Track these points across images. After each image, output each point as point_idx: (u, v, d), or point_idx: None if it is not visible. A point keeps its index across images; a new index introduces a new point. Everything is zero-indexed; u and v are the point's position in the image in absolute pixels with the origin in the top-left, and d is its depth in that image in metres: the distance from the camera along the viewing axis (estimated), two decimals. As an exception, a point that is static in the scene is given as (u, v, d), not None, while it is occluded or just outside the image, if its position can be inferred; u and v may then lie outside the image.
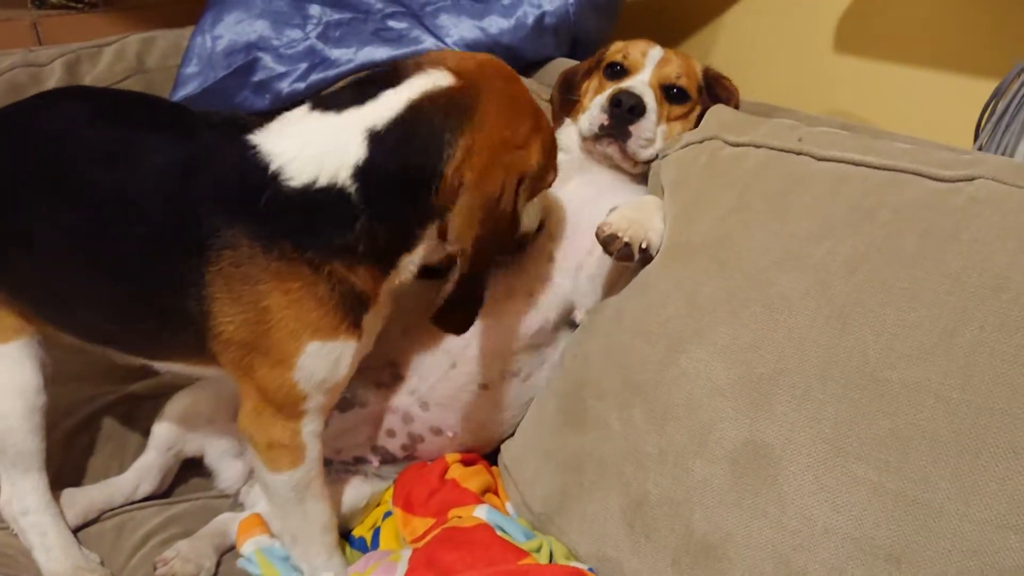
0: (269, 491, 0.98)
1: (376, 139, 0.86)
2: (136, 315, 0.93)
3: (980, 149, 1.11)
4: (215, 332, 0.88)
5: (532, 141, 0.91)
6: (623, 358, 0.98)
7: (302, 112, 0.91)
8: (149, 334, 0.95)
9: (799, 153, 0.95)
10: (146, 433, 1.21)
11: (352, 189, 0.86)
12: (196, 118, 0.96)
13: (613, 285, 1.06)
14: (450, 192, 0.87)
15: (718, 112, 1.13)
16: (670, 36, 1.86)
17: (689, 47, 1.63)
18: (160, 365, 1.03)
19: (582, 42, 1.69)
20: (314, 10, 1.68)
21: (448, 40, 1.63)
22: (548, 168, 0.96)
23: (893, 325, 0.74)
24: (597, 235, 0.97)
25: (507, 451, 1.20)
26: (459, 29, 1.63)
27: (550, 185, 1.00)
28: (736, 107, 1.18)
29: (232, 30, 1.69)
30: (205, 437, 1.19)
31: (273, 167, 0.86)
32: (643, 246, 0.97)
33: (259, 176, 0.85)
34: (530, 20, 1.61)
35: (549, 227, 1.11)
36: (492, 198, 0.86)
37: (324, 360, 0.89)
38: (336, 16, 1.68)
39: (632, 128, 1.10)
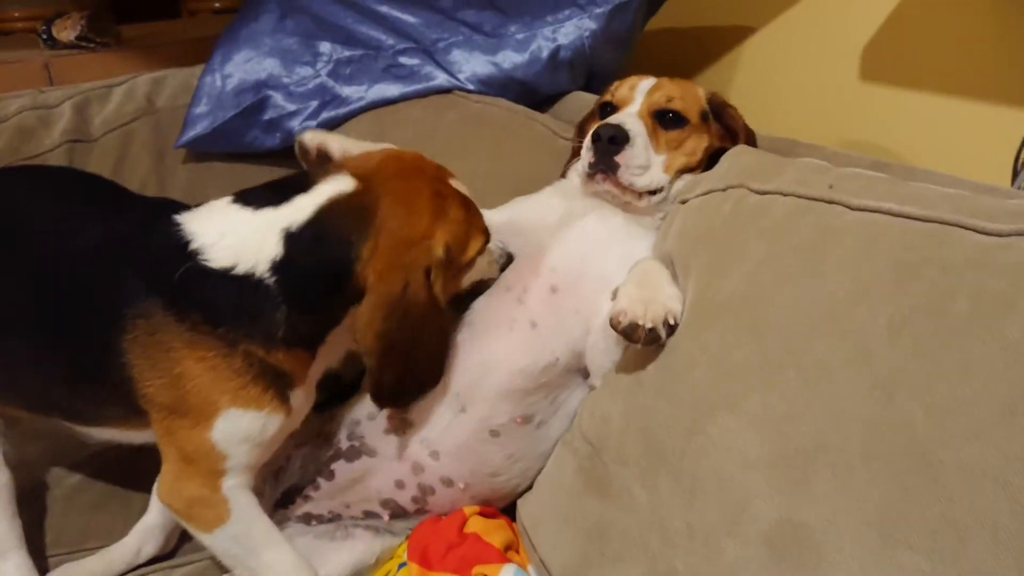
0: (217, 554, 0.99)
1: (292, 239, 0.92)
2: (75, 381, 0.96)
3: (1021, 188, 1.04)
4: (141, 395, 0.92)
5: (435, 230, 0.96)
6: (646, 421, 0.92)
7: (224, 203, 0.97)
8: (87, 400, 0.98)
9: (830, 202, 0.89)
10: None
11: (271, 281, 0.91)
12: (132, 197, 1.07)
13: (627, 348, 1.01)
14: (361, 289, 0.93)
15: (740, 155, 1.08)
16: (687, 68, 1.82)
17: (706, 79, 1.58)
18: (101, 432, 1.04)
19: (598, 75, 1.65)
20: (324, 47, 1.65)
21: (461, 76, 1.60)
22: (464, 245, 1.01)
23: (944, 400, 0.68)
24: (614, 326, 0.92)
25: (525, 509, 1.14)
26: (471, 65, 1.59)
27: (480, 250, 1.03)
28: (745, 135, 1.13)
29: (242, 68, 1.67)
30: None
31: (193, 246, 0.92)
32: (671, 322, 0.92)
33: (178, 252, 0.91)
34: (545, 54, 1.58)
35: (551, 258, 1.09)
36: (394, 296, 0.91)
37: (244, 426, 0.93)
38: (347, 53, 1.65)
39: (618, 158, 1.07)
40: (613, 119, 1.10)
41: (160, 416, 0.93)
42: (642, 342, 0.91)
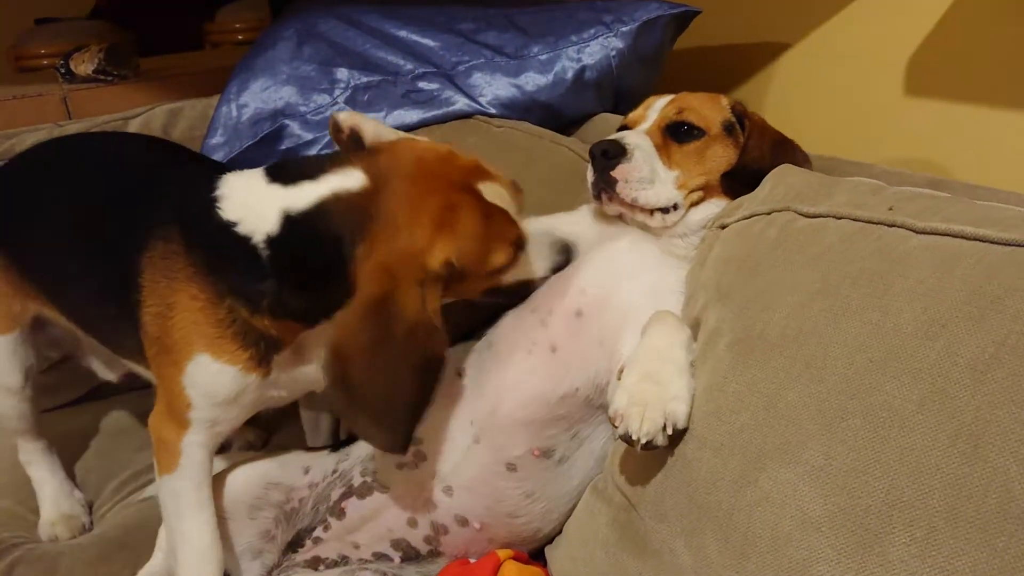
0: (160, 502, 1.02)
1: (289, 222, 0.91)
2: (103, 300, 1.04)
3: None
4: (142, 324, 0.97)
5: (435, 243, 0.89)
6: (688, 473, 0.82)
7: (260, 169, 0.98)
8: (115, 324, 1.04)
9: (892, 225, 0.80)
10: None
11: (264, 253, 0.91)
12: (199, 157, 1.25)
13: None
14: (353, 289, 0.89)
15: (785, 175, 0.99)
16: (719, 87, 1.73)
17: (740, 97, 1.50)
18: (127, 363, 1.14)
19: (626, 96, 1.57)
20: (342, 74, 1.60)
21: (482, 100, 1.53)
22: (481, 257, 0.93)
23: (1045, 453, 0.58)
24: (612, 423, 0.84)
25: (555, 563, 1.05)
26: (493, 88, 1.53)
27: (510, 259, 0.96)
28: (769, 146, 1.04)
29: (258, 98, 1.63)
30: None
31: (216, 193, 0.95)
32: (670, 431, 0.82)
33: (206, 194, 0.95)
34: (569, 75, 1.51)
35: (581, 280, 1.03)
36: (374, 301, 0.87)
37: (211, 375, 0.94)
38: (364, 79, 1.60)
39: (614, 173, 1.00)
40: (613, 135, 1.04)
41: (151, 349, 0.98)
42: (639, 450, 0.81)
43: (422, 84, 1.56)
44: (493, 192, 0.94)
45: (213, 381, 0.94)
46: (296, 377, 1.00)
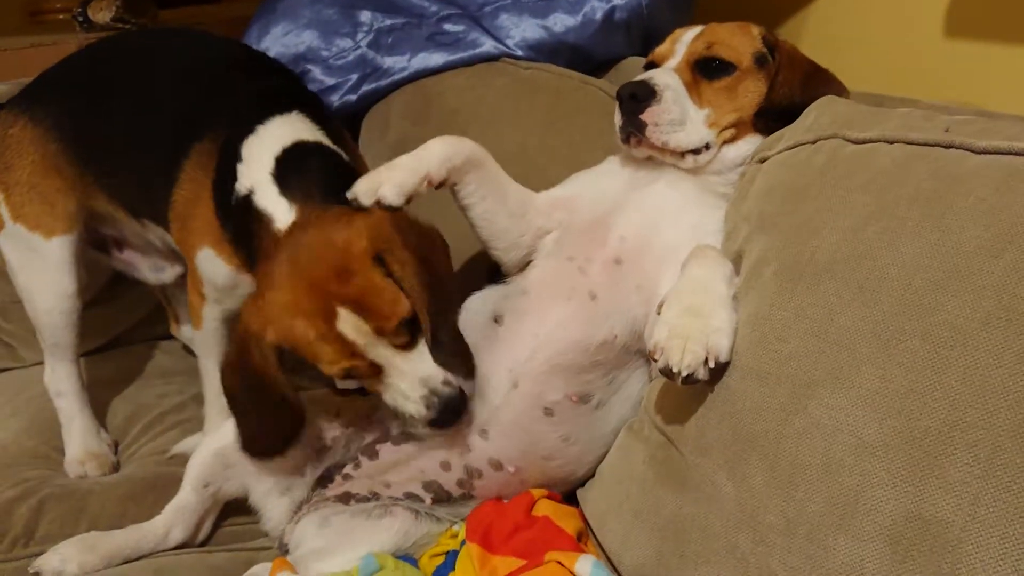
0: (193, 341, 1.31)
1: (243, 200, 1.06)
2: (152, 181, 1.17)
3: None
4: (172, 204, 1.15)
5: (271, 325, 0.94)
6: (732, 405, 0.80)
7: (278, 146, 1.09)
8: (158, 201, 1.17)
9: (948, 146, 0.76)
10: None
11: (243, 197, 1.06)
12: (276, 69, 1.36)
13: None
14: None
15: (830, 104, 0.95)
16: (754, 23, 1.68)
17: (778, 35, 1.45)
18: (166, 235, 1.25)
19: (656, 38, 1.51)
20: (365, 17, 1.57)
21: (509, 42, 1.49)
22: (309, 355, 0.94)
23: (1121, 367, 0.55)
24: (651, 357, 0.81)
25: (588, 504, 1.04)
26: (520, 29, 1.49)
27: (338, 374, 0.95)
28: (800, 79, 1.00)
29: (279, 42, 1.60)
30: (247, 473, 1.10)
31: (250, 135, 1.09)
32: (712, 364, 0.79)
33: (255, 120, 1.10)
34: (599, 16, 1.46)
35: (620, 227, 1.02)
36: (238, 339, 0.98)
37: (212, 265, 1.14)
38: (388, 22, 1.56)
39: (644, 116, 0.97)
40: (641, 76, 1.01)
41: (176, 225, 1.17)
42: (681, 383, 0.79)
43: (447, 26, 1.53)
44: (346, 322, 0.91)
45: (213, 269, 1.14)
46: None
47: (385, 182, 0.95)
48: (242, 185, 1.06)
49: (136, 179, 1.23)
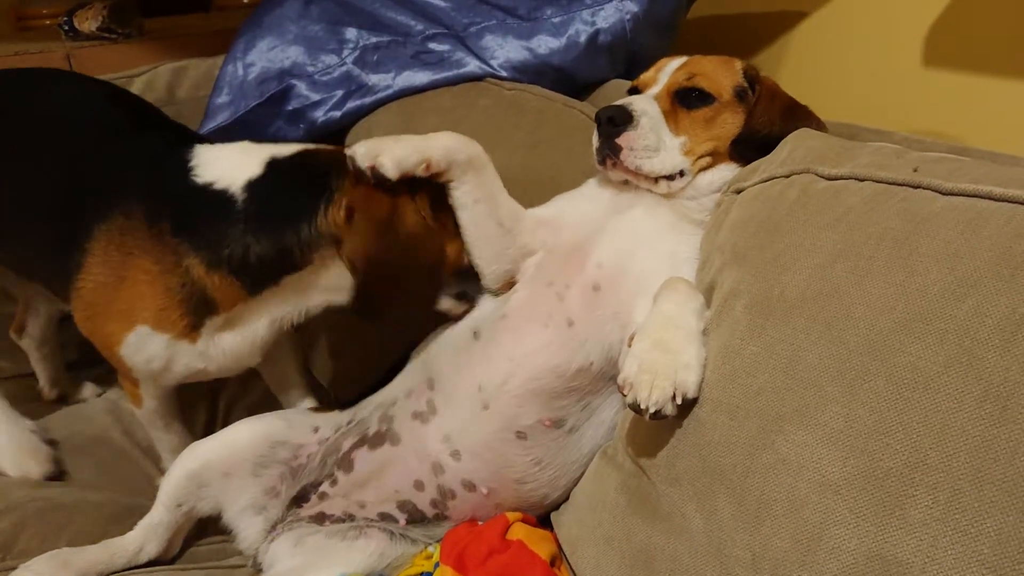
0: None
1: (273, 164, 1.03)
2: (51, 254, 1.09)
3: None
4: (78, 288, 1.05)
5: (405, 195, 1.03)
6: (701, 437, 0.81)
7: (247, 143, 1.09)
8: (57, 274, 1.09)
9: (917, 186, 0.78)
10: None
11: (240, 197, 1.01)
12: (172, 124, 1.22)
13: None
14: (329, 229, 1.00)
15: (804, 138, 0.97)
16: (732, 54, 1.69)
17: (756, 64, 1.47)
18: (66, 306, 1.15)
19: (639, 61, 1.54)
20: (350, 34, 1.57)
21: (493, 62, 1.50)
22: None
23: (1075, 415, 0.57)
24: (621, 391, 0.83)
25: (562, 528, 1.05)
26: (505, 50, 1.50)
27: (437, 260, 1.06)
28: (779, 112, 1.01)
29: (265, 57, 1.60)
30: (222, 492, 1.10)
31: (191, 163, 1.04)
32: (679, 401, 0.80)
33: (179, 168, 1.04)
34: (583, 39, 1.48)
35: (597, 253, 1.01)
36: (382, 220, 0.99)
37: (148, 345, 1.05)
38: (374, 40, 1.57)
39: (620, 140, 0.99)
40: (621, 100, 1.02)
41: (83, 312, 1.07)
42: (648, 419, 0.80)
43: (432, 45, 1.53)
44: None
45: (151, 349, 1.05)
46: (224, 349, 1.08)
47: (386, 151, 0.98)
48: (238, 174, 1.02)
49: (32, 252, 1.15)
